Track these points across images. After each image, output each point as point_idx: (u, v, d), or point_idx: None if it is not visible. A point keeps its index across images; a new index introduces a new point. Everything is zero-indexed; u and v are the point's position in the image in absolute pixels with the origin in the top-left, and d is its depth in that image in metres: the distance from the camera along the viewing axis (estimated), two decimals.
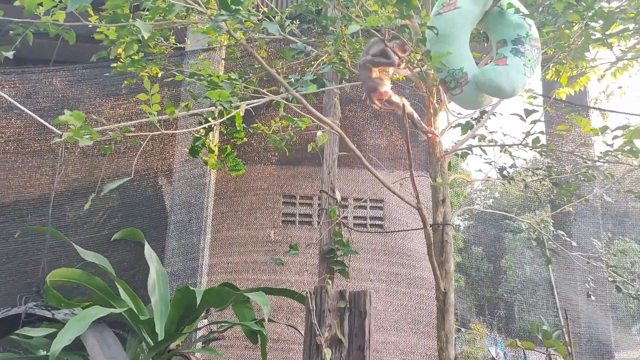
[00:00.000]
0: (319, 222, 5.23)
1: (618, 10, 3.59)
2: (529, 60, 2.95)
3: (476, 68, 3.06)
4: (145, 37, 3.16)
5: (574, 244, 4.18)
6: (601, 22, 3.49)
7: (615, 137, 2.94)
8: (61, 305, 3.30)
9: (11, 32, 2.73)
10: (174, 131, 4.70)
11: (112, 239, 4.63)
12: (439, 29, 2.93)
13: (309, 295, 3.85)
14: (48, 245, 4.03)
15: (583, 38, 3.56)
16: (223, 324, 4.62)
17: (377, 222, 6.29)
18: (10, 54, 2.53)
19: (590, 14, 3.31)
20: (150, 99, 2.63)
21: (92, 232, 5.58)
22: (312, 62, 4.42)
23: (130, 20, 2.81)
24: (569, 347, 3.96)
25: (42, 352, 3.76)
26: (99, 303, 3.50)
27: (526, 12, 3.04)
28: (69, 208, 5.53)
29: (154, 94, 2.66)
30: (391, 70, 3.39)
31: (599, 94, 5.84)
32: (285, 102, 3.36)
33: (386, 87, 3.40)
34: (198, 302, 3.48)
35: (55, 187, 5.24)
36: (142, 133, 2.91)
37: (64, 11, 2.63)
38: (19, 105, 2.96)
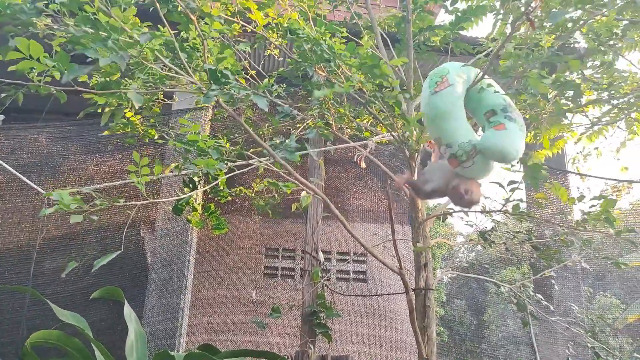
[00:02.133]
0: (301, 276, 5.23)
1: (590, 83, 3.75)
2: (521, 125, 3.06)
3: (478, 138, 3.15)
4: (137, 107, 3.22)
5: (551, 308, 4.20)
6: (570, 92, 3.65)
7: (593, 206, 3.02)
8: None
9: (2, 94, 2.77)
10: (163, 199, 4.71)
11: (90, 298, 4.53)
12: (438, 107, 3.03)
13: (290, 359, 3.81)
14: (27, 305, 3.95)
15: (555, 107, 3.70)
16: None
17: (360, 277, 6.27)
18: None
19: (558, 84, 3.46)
20: (140, 171, 2.66)
21: (70, 288, 5.48)
22: (298, 125, 4.51)
23: (122, 86, 2.87)
24: None
25: None
26: None
27: (501, 91, 3.16)
28: (48, 264, 5.44)
29: (143, 165, 2.69)
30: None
31: (577, 154, 6.00)
32: (271, 167, 3.40)
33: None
34: None
35: (35, 244, 5.17)
36: (130, 203, 2.92)
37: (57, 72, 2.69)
38: (2, 163, 2.96)
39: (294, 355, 3.88)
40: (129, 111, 3.68)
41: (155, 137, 4.29)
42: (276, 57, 4.73)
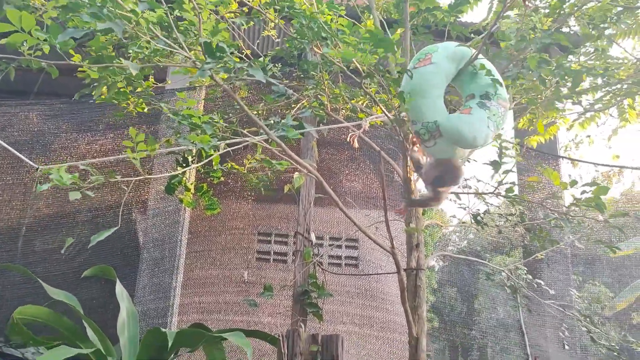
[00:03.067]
0: (293, 261, 5.24)
1: (585, 69, 3.76)
2: (494, 115, 3.03)
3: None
4: (134, 74, 3.18)
5: (551, 292, 4.23)
6: (570, 79, 3.65)
7: (584, 192, 3.03)
8: (29, 343, 3.21)
9: None
10: (156, 175, 4.68)
11: (82, 276, 4.53)
12: (413, 83, 3.02)
13: (281, 338, 3.82)
14: (16, 281, 3.96)
15: (554, 93, 3.70)
16: None
17: (352, 262, 6.29)
18: None
19: (560, 72, 3.46)
20: (135, 146, 2.63)
21: (61, 267, 5.47)
22: (293, 105, 4.49)
23: (115, 60, 2.84)
24: None
25: None
26: (67, 343, 3.41)
27: (498, 76, 3.15)
28: (39, 243, 5.42)
29: (139, 142, 2.66)
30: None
31: (569, 142, 6.03)
32: (265, 144, 3.39)
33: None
34: (169, 344, 3.42)
35: (26, 222, 5.14)
36: (126, 178, 2.90)
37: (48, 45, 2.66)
38: None
39: (284, 334, 3.88)
40: (122, 84, 3.63)
41: (146, 109, 4.25)
42: (273, 38, 4.69)
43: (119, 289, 4.40)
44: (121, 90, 3.81)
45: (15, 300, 4.78)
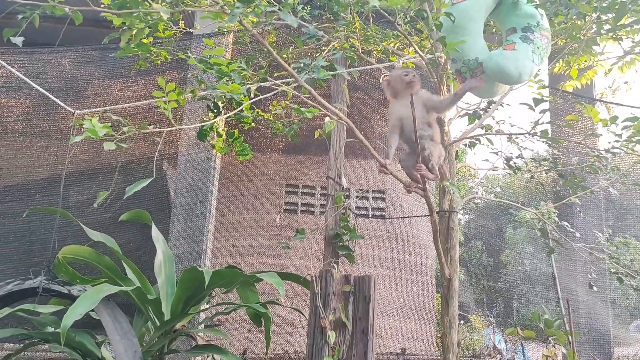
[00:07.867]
0: (321, 212, 5.26)
1: (630, 2, 3.60)
2: (538, 47, 2.95)
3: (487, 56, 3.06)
4: (165, 19, 3.16)
5: (577, 234, 4.20)
6: (612, 15, 3.51)
7: (625, 127, 2.95)
8: (76, 282, 3.33)
9: (18, 15, 2.73)
10: (188, 126, 4.70)
11: (119, 220, 4.64)
12: (451, 20, 2.94)
13: (314, 278, 3.89)
14: (57, 224, 4.08)
15: (595, 28, 3.57)
16: (228, 307, 4.66)
17: (380, 213, 6.33)
18: (19, 41, 2.53)
19: (604, 4, 3.32)
20: (166, 97, 2.62)
21: (97, 214, 5.61)
22: (323, 48, 4.42)
23: (142, 6, 2.81)
24: (569, 337, 4.00)
25: (51, 329, 3.78)
26: (108, 282, 3.53)
27: (537, 1, 3.05)
28: (76, 189, 5.55)
29: (170, 91, 2.64)
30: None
31: (605, 89, 5.86)
32: (294, 92, 3.36)
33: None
34: (207, 282, 3.51)
35: (64, 168, 5.26)
36: (157, 129, 2.91)
37: None
38: (30, 82, 2.97)
39: (318, 274, 3.95)
40: (146, 32, 3.61)
41: (168, 59, 4.24)
42: None
43: (155, 233, 4.49)
44: (142, 41, 3.78)
45: (57, 243, 4.94)
